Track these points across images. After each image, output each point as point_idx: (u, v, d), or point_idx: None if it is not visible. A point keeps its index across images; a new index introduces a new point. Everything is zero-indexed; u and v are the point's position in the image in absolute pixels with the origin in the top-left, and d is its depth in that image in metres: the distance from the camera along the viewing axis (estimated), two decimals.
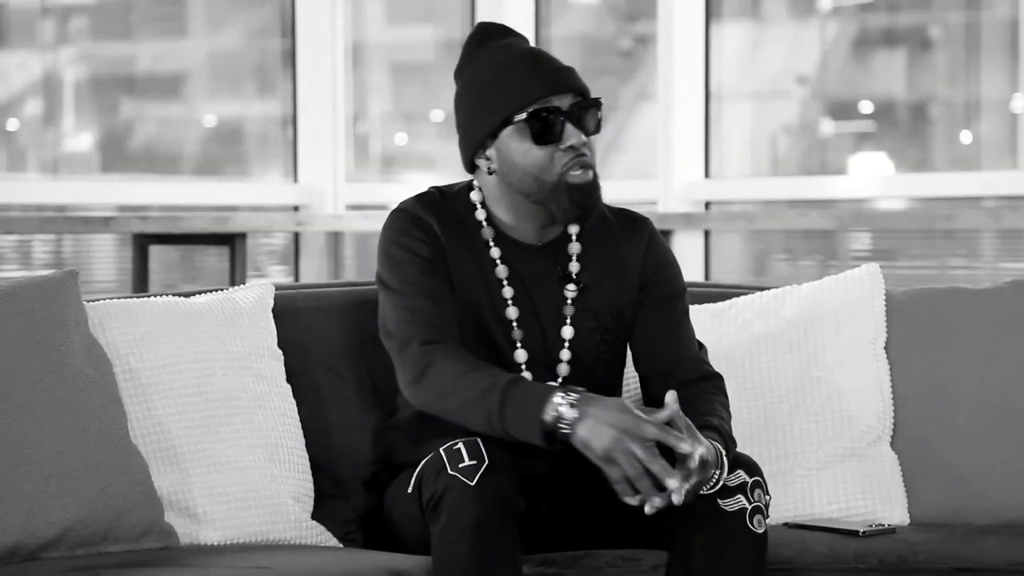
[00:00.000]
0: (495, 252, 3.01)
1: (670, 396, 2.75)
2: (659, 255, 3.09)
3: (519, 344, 2.99)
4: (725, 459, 2.80)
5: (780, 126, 6.14)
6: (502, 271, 3.00)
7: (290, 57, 6.17)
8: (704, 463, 2.73)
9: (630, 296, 3.06)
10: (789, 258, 5.92)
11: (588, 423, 2.73)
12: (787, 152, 6.11)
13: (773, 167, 6.08)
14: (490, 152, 2.99)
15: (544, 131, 2.92)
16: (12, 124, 5.89)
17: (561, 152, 2.94)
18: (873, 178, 5.81)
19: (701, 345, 3.09)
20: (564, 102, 2.94)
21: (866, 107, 5.92)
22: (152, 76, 6.26)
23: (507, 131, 2.96)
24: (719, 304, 3.43)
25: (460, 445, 2.79)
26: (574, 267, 3.04)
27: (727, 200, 5.97)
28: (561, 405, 2.75)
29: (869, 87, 5.89)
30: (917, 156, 5.83)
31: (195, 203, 6.02)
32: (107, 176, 6.02)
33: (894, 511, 3.28)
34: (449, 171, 6.42)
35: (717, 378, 3.03)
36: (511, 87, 2.94)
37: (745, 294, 3.49)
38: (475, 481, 2.73)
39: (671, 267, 3.09)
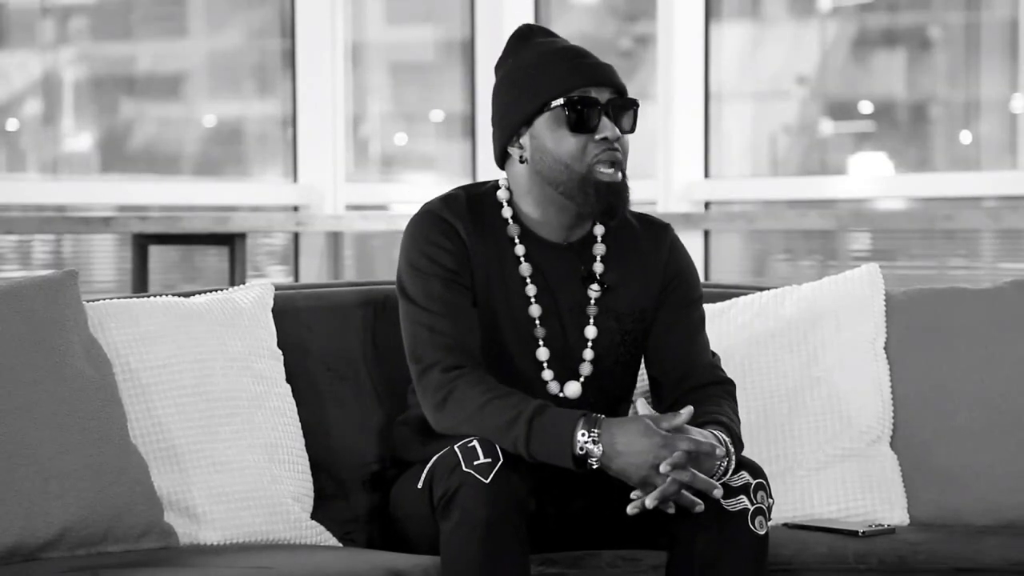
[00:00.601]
0: (520, 250, 3.01)
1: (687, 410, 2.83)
2: (680, 261, 3.10)
3: (541, 342, 3.00)
4: (731, 449, 2.82)
5: (780, 126, 6.14)
6: (525, 269, 3.01)
7: (290, 57, 6.17)
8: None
9: (651, 299, 3.06)
10: (789, 258, 5.92)
11: (620, 459, 2.77)
12: (787, 152, 6.11)
13: (773, 167, 6.08)
14: (524, 140, 3.00)
15: (580, 119, 2.94)
16: (12, 124, 5.89)
17: (594, 143, 2.95)
18: (873, 178, 5.81)
19: (714, 354, 3.10)
20: (602, 95, 2.97)
21: (866, 107, 5.92)
22: (152, 76, 6.26)
23: (543, 118, 2.97)
24: (719, 304, 3.43)
25: (475, 443, 2.80)
26: (598, 267, 3.04)
27: (727, 200, 5.97)
28: (587, 443, 2.78)
29: (869, 87, 5.89)
30: (917, 156, 5.83)
31: (195, 203, 6.02)
32: (107, 176, 6.02)
33: (894, 511, 3.28)
34: (449, 172, 6.42)
35: (728, 383, 3.04)
36: (551, 75, 2.97)
37: (745, 294, 3.49)
38: (489, 479, 2.74)
39: (691, 274, 3.11)
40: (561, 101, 2.95)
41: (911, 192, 5.70)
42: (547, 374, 3.00)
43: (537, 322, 3.00)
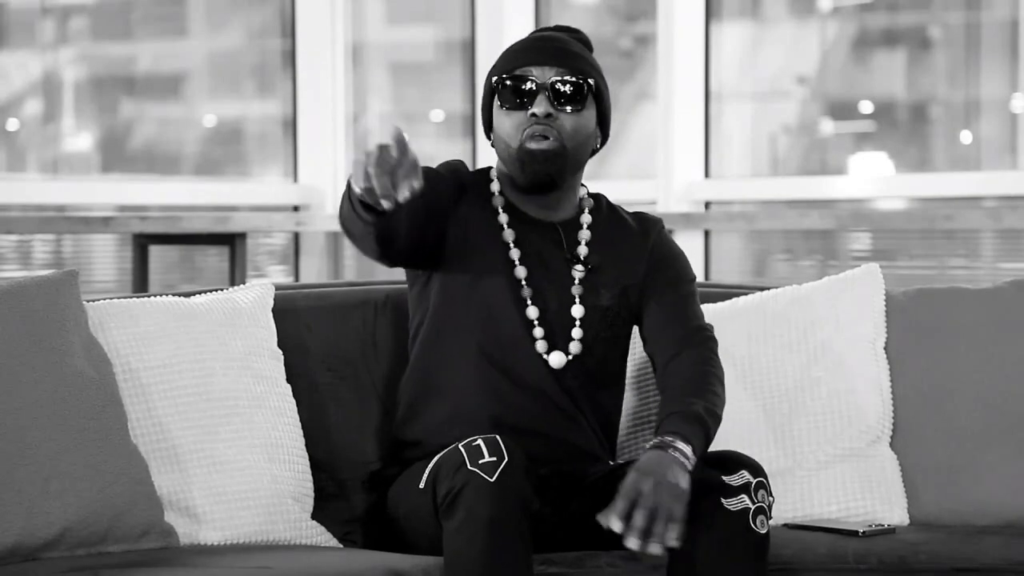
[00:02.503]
0: (503, 218, 3.07)
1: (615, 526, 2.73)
2: (666, 247, 3.15)
3: (529, 301, 3.04)
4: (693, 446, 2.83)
5: (780, 126, 6.14)
6: (509, 234, 3.06)
7: (290, 57, 6.17)
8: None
9: (635, 279, 3.10)
10: (789, 258, 5.92)
11: None
12: (787, 152, 6.11)
13: (773, 167, 6.08)
14: (494, 123, 3.10)
15: (511, 96, 3.02)
16: (12, 124, 5.89)
17: (527, 119, 3.01)
18: (873, 178, 5.81)
19: (709, 325, 3.11)
20: (545, 75, 3.01)
21: (866, 107, 5.92)
22: (152, 76, 6.26)
23: (495, 100, 3.06)
24: (719, 304, 3.43)
25: (480, 441, 2.80)
26: (583, 250, 3.09)
27: (727, 200, 5.97)
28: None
29: (869, 87, 5.89)
30: (917, 156, 5.83)
31: (195, 203, 6.02)
32: (107, 176, 6.02)
33: (894, 511, 3.28)
34: None
35: (712, 341, 3.06)
36: (502, 59, 3.07)
37: (745, 294, 3.49)
38: (495, 478, 2.74)
39: (678, 258, 3.15)
40: (494, 79, 3.04)
41: (911, 192, 5.70)
42: (538, 331, 3.03)
43: (523, 283, 3.04)
